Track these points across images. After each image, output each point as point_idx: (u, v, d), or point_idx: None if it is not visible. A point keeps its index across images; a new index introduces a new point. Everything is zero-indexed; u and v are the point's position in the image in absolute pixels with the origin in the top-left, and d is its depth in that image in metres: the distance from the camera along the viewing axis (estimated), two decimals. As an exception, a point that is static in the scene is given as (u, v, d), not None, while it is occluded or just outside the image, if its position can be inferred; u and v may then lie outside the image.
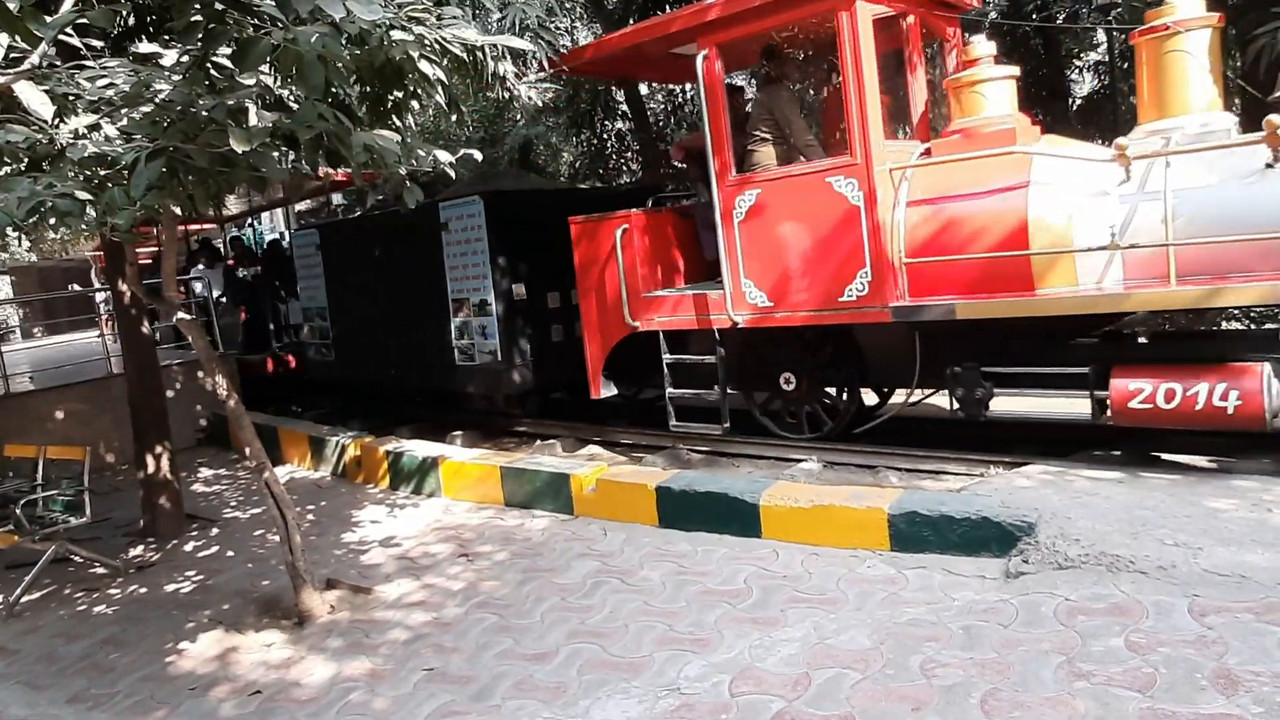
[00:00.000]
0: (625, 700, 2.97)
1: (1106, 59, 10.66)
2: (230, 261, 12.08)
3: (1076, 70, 12.93)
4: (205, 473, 7.69)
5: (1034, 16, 10.64)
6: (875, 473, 5.04)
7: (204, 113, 2.78)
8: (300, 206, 18.94)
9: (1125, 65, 11.26)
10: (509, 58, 4.37)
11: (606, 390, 6.32)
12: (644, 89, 14.37)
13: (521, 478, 5.30)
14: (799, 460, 5.42)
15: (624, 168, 14.61)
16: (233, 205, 12.40)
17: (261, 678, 3.69)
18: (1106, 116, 10.01)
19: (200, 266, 11.41)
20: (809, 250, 5.02)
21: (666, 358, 5.81)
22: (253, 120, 2.85)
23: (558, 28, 13.12)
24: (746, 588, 3.69)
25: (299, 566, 4.18)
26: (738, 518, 4.26)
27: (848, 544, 3.90)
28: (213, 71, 2.87)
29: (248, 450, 4.32)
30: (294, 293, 10.23)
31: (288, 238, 12.62)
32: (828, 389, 5.61)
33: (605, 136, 14.58)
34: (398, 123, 3.76)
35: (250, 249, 13.35)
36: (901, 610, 3.27)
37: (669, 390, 5.83)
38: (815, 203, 4.95)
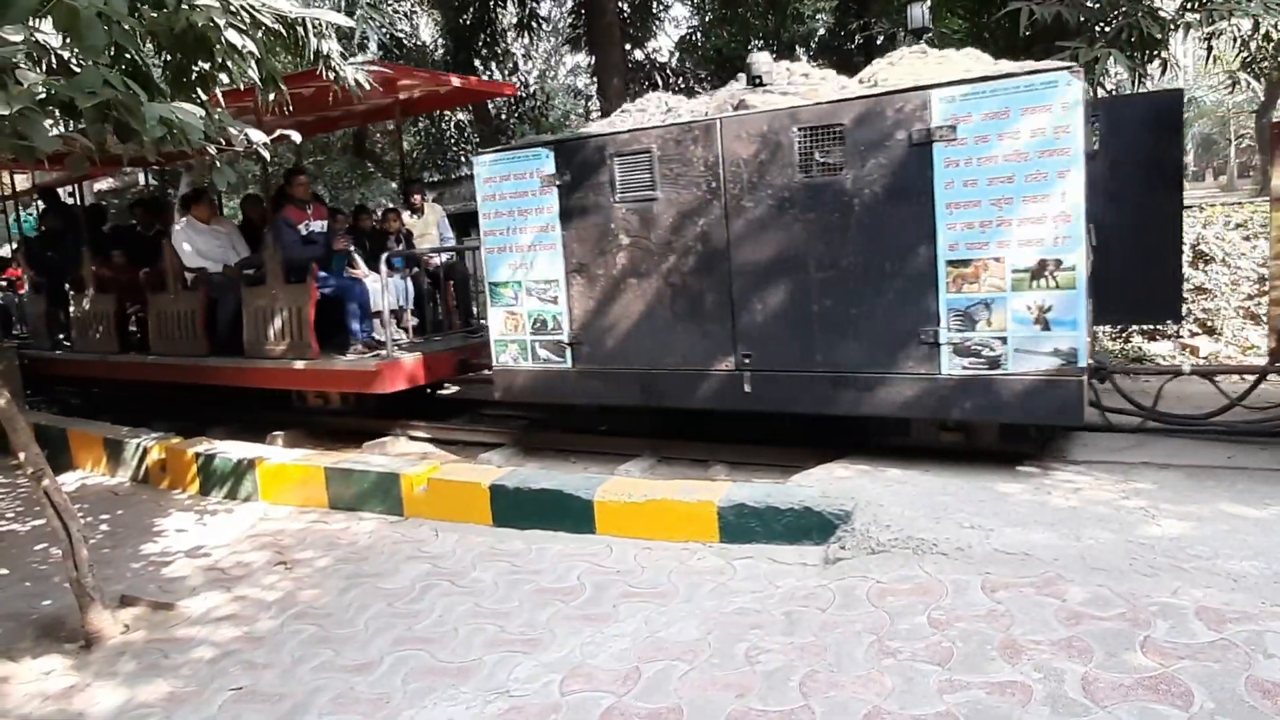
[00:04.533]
0: (452, 707, 2.86)
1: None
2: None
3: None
4: (-23, 482, 6.79)
5: (856, 37, 11.35)
6: (707, 467, 5.17)
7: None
8: (100, 185, 17.19)
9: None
10: (333, 36, 4.12)
11: None
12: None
13: (348, 479, 5.03)
14: (635, 455, 5.46)
15: (463, 159, 14.32)
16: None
17: (36, 710, 3.28)
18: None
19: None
20: None
21: None
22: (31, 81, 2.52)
23: (396, 10, 12.60)
24: (580, 585, 3.67)
25: (85, 583, 3.76)
26: (572, 514, 4.24)
27: (680, 537, 3.98)
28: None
29: (22, 456, 3.84)
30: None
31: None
32: None
33: (445, 127, 14.24)
34: (204, 96, 3.46)
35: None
36: (729, 600, 3.36)
37: None
38: None
